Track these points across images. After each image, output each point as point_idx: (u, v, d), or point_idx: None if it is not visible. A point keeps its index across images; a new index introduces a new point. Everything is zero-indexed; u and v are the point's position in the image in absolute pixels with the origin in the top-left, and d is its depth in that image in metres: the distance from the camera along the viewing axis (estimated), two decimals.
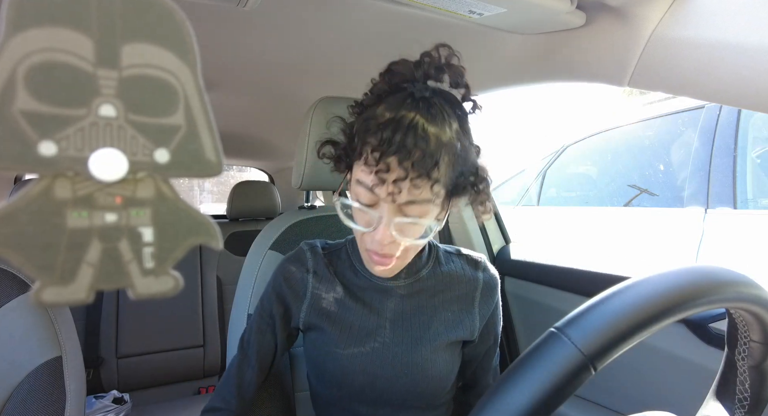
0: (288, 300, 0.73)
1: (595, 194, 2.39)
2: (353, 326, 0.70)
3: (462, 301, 0.74)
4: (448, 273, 0.75)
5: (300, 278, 0.73)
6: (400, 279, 0.72)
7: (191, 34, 0.20)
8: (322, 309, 0.71)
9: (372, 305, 0.71)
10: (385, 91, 0.59)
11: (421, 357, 0.69)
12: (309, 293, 0.72)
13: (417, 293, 0.72)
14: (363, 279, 0.72)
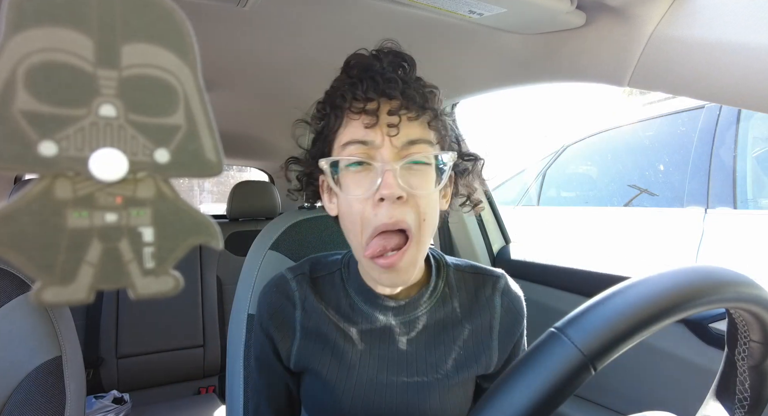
0: (275, 340, 0.63)
1: (595, 194, 2.39)
2: (351, 371, 0.60)
3: (477, 333, 0.63)
4: (460, 300, 0.64)
5: (286, 315, 0.63)
6: (403, 315, 0.61)
7: (191, 34, 0.20)
8: (315, 351, 0.62)
9: (371, 346, 0.61)
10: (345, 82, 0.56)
11: (430, 405, 0.60)
12: (298, 332, 0.62)
13: (424, 331, 0.62)
14: (360, 315, 0.62)
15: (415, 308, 0.61)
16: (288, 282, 0.64)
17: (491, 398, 0.32)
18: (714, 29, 0.53)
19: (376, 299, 0.61)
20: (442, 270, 0.65)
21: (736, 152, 1.64)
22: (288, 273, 0.66)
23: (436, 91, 0.56)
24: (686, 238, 1.67)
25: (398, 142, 0.52)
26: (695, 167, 1.75)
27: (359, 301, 0.62)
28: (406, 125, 0.52)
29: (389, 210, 0.51)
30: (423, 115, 0.52)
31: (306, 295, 0.63)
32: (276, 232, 0.92)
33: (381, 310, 0.61)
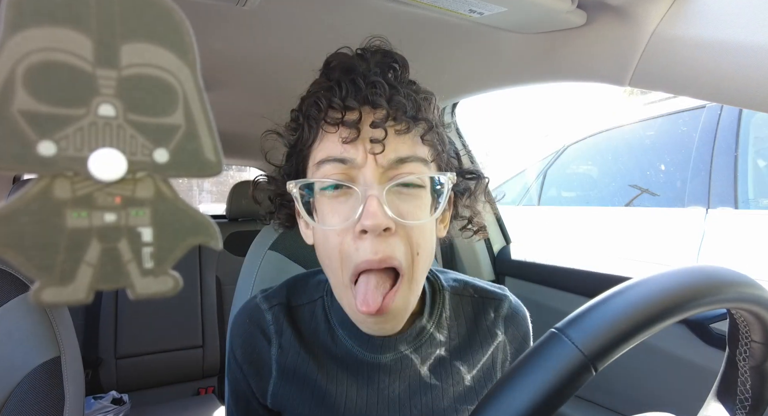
0: (249, 377, 0.57)
1: (596, 194, 2.39)
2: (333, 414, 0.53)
3: (479, 365, 0.56)
4: (458, 331, 0.56)
5: (260, 352, 0.55)
6: (392, 349, 0.53)
7: (191, 34, 0.20)
8: (292, 392, 0.54)
9: (357, 386, 0.53)
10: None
11: None
12: (274, 371, 0.55)
13: (416, 369, 0.54)
14: (343, 350, 0.54)
15: (406, 344, 0.54)
16: (263, 314, 0.56)
17: (492, 399, 0.32)
18: (715, 29, 0.53)
19: (361, 335, 0.53)
20: (438, 297, 0.57)
21: (737, 151, 1.64)
22: (263, 303, 0.57)
23: (431, 97, 0.48)
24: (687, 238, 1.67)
25: (384, 160, 0.43)
26: (696, 167, 1.75)
27: (343, 335, 0.54)
28: (394, 139, 0.43)
29: (374, 244, 0.42)
30: (415, 127, 0.44)
31: (282, 329, 0.55)
32: (275, 232, 0.92)
33: (368, 347, 0.53)
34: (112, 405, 1.61)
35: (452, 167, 0.50)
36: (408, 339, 0.53)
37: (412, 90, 0.47)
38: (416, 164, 0.44)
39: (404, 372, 0.53)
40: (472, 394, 0.55)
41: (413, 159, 0.44)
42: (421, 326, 0.54)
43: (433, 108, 0.47)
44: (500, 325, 0.57)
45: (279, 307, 0.57)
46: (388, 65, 0.48)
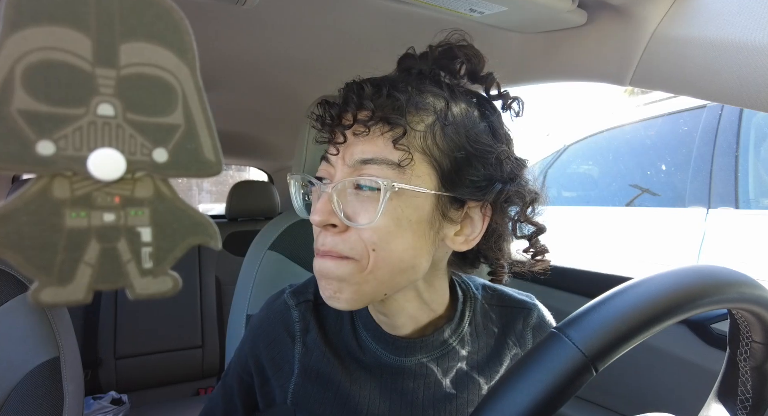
0: (267, 372, 0.56)
1: (597, 194, 2.39)
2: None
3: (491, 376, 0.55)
4: (488, 338, 0.55)
5: (284, 349, 0.55)
6: (418, 353, 0.52)
7: (190, 33, 0.20)
8: (315, 393, 0.54)
9: (381, 389, 0.52)
10: None
11: None
12: (296, 369, 0.54)
13: (442, 375, 0.53)
14: (368, 352, 0.54)
15: (432, 349, 0.53)
16: (290, 311, 0.56)
17: (492, 399, 0.32)
18: (716, 28, 0.53)
19: (385, 336, 0.53)
20: (469, 304, 0.56)
21: (738, 151, 1.64)
22: (290, 299, 0.57)
23: (435, 99, 0.45)
24: (688, 238, 1.67)
25: (350, 160, 0.43)
26: (697, 167, 1.75)
27: (367, 337, 0.54)
28: (364, 140, 0.43)
29: (321, 237, 0.45)
30: (392, 129, 0.42)
31: (308, 327, 0.55)
32: (275, 232, 0.92)
33: (393, 349, 0.52)
34: (112, 406, 1.61)
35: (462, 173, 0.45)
36: (435, 344, 0.53)
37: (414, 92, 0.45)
38: (380, 167, 0.43)
39: (428, 379, 0.53)
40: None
41: (378, 161, 0.43)
42: (449, 331, 0.53)
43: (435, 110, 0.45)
44: (529, 335, 0.57)
45: (306, 304, 0.56)
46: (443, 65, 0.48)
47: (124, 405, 1.65)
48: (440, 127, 0.44)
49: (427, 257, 0.47)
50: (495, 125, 0.48)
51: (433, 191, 0.44)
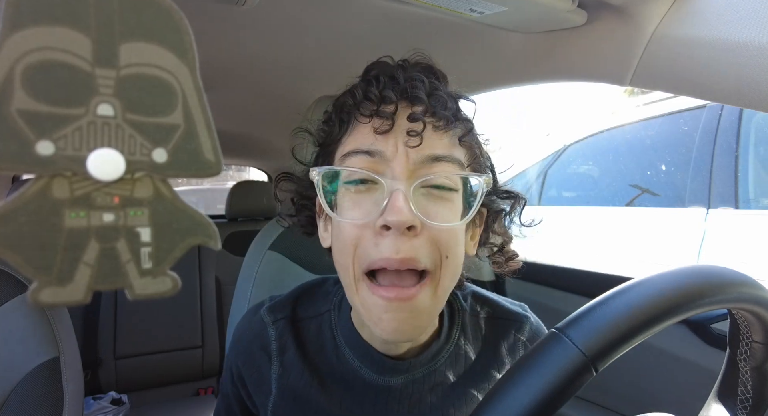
0: (248, 390, 0.54)
1: (597, 194, 2.39)
2: None
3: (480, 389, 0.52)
4: (477, 352, 0.52)
5: (261, 368, 0.52)
6: (404, 372, 0.49)
7: (190, 33, 0.20)
8: (295, 411, 0.50)
9: (363, 410, 0.49)
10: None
11: None
12: (274, 389, 0.52)
13: (430, 390, 0.49)
14: (349, 370, 0.50)
15: (419, 366, 0.49)
16: (266, 328, 0.53)
17: (492, 399, 0.32)
18: (715, 28, 0.53)
19: (371, 354, 0.49)
20: (457, 317, 0.53)
21: (737, 151, 1.64)
22: (267, 316, 0.54)
23: (471, 102, 0.46)
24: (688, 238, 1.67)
25: (418, 156, 0.40)
26: (697, 167, 1.75)
27: (350, 355, 0.50)
28: (431, 135, 0.40)
29: (395, 242, 0.38)
30: (454, 126, 0.41)
31: (286, 346, 0.52)
32: (275, 232, 0.92)
33: (379, 369, 0.49)
34: (112, 406, 1.61)
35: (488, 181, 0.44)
36: (423, 362, 0.49)
37: (451, 94, 0.45)
38: (451, 165, 0.41)
39: (413, 398, 0.49)
40: None
41: (449, 159, 0.41)
42: (438, 349, 0.50)
43: (473, 115, 0.46)
44: (520, 349, 0.54)
45: (284, 321, 0.53)
46: (427, 72, 0.46)
47: (124, 405, 1.65)
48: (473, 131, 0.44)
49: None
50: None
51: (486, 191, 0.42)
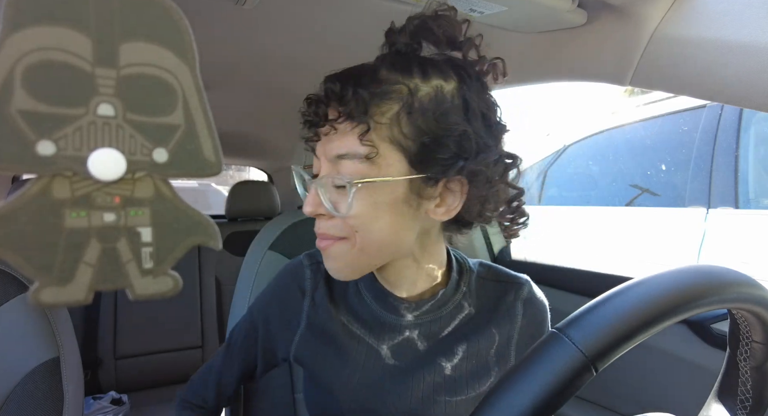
0: (274, 327, 0.63)
1: (597, 194, 2.39)
2: (352, 372, 0.57)
3: (495, 344, 0.58)
4: (480, 309, 0.58)
5: (293, 302, 0.61)
6: (413, 312, 0.57)
7: (190, 33, 0.20)
8: (317, 348, 0.59)
9: (377, 346, 0.57)
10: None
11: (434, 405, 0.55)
12: (303, 323, 0.60)
13: (435, 335, 0.57)
14: (368, 310, 0.58)
15: (428, 311, 0.57)
16: (303, 268, 0.62)
17: (491, 399, 0.32)
18: (716, 28, 0.53)
19: (386, 298, 0.57)
20: (465, 275, 0.60)
21: (738, 151, 1.63)
22: (305, 259, 0.64)
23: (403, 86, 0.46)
24: (688, 238, 1.67)
25: (329, 156, 0.48)
26: (697, 167, 1.75)
27: (369, 298, 0.58)
28: (339, 136, 0.47)
29: (317, 221, 0.52)
30: (358, 126, 0.46)
31: (318, 286, 0.61)
32: (275, 232, 0.92)
33: (391, 308, 0.57)
34: (112, 406, 1.61)
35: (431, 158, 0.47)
36: (430, 309, 0.56)
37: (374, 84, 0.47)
38: (353, 161, 0.47)
39: (420, 339, 0.57)
40: (484, 371, 0.57)
41: (350, 156, 0.47)
42: (444, 300, 0.57)
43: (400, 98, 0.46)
44: (519, 307, 0.59)
45: (318, 265, 0.62)
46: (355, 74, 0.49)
47: (124, 405, 1.65)
48: (405, 115, 0.46)
49: (410, 232, 0.51)
50: (469, 99, 0.48)
51: (401, 177, 0.47)
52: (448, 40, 0.49)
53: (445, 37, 0.49)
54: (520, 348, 0.58)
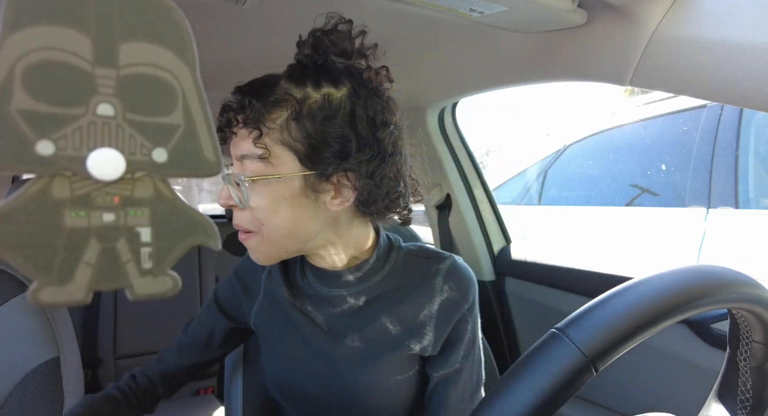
0: (240, 296, 0.71)
1: (597, 194, 2.39)
2: (293, 338, 0.65)
3: (415, 314, 0.62)
4: (404, 281, 0.63)
5: (255, 276, 0.70)
6: (346, 287, 0.63)
7: (190, 33, 0.20)
8: (270, 315, 0.67)
9: (315, 315, 0.64)
10: None
11: (364, 380, 0.62)
12: (261, 293, 0.69)
13: (365, 306, 0.63)
14: (308, 285, 0.65)
15: (352, 284, 0.63)
16: None
17: (492, 399, 0.32)
18: (716, 28, 0.53)
19: (318, 271, 0.64)
20: (393, 252, 0.65)
21: (738, 151, 1.63)
22: None
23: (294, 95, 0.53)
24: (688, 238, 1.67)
25: (235, 156, 0.56)
26: (697, 167, 1.75)
27: (308, 272, 0.65)
28: (238, 140, 0.55)
29: (233, 214, 0.59)
30: (253, 131, 0.54)
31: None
32: None
33: (323, 281, 0.64)
34: None
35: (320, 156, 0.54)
36: (354, 281, 0.63)
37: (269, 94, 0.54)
38: (251, 161, 0.54)
39: (351, 310, 0.63)
40: (404, 335, 0.62)
41: (249, 157, 0.54)
42: (373, 271, 0.63)
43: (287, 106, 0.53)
44: (439, 278, 0.63)
45: None
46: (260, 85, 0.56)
47: None
48: (294, 121, 0.53)
49: (313, 222, 0.57)
50: (356, 104, 0.54)
51: (292, 174, 0.54)
52: (340, 52, 0.56)
53: (338, 49, 0.55)
54: (439, 319, 0.62)
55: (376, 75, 0.57)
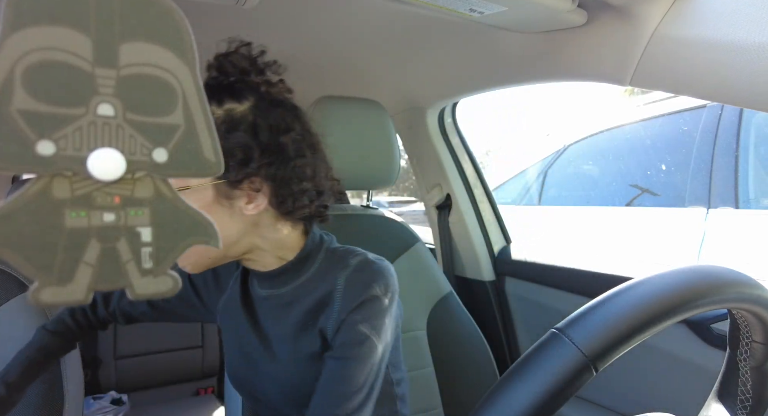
0: (210, 283, 0.75)
1: (597, 194, 2.39)
2: (234, 337, 0.71)
3: (316, 310, 0.64)
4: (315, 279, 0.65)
5: (228, 273, 0.75)
6: (276, 287, 0.66)
7: (190, 33, 0.20)
8: (229, 315, 0.73)
9: (248, 316, 0.70)
10: None
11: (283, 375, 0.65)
12: (228, 292, 0.74)
13: (291, 305, 0.65)
14: (254, 287, 0.70)
15: (278, 284, 0.67)
16: None
17: (491, 399, 0.32)
18: (715, 28, 0.53)
19: (254, 272, 0.69)
20: (317, 255, 0.67)
21: (738, 151, 1.63)
22: None
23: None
24: (688, 238, 1.67)
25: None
26: (697, 167, 1.75)
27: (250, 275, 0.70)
28: None
29: None
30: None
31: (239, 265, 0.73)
32: None
33: (260, 282, 0.68)
34: (112, 406, 1.61)
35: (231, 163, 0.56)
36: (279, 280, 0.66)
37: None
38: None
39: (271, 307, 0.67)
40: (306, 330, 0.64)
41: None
42: (292, 276, 0.66)
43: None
44: (343, 275, 0.63)
45: None
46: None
47: (124, 405, 1.65)
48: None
49: (232, 227, 0.59)
50: (257, 116, 0.58)
51: (201, 184, 0.57)
52: (241, 71, 0.60)
53: (238, 69, 0.59)
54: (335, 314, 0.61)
55: (273, 87, 0.62)
